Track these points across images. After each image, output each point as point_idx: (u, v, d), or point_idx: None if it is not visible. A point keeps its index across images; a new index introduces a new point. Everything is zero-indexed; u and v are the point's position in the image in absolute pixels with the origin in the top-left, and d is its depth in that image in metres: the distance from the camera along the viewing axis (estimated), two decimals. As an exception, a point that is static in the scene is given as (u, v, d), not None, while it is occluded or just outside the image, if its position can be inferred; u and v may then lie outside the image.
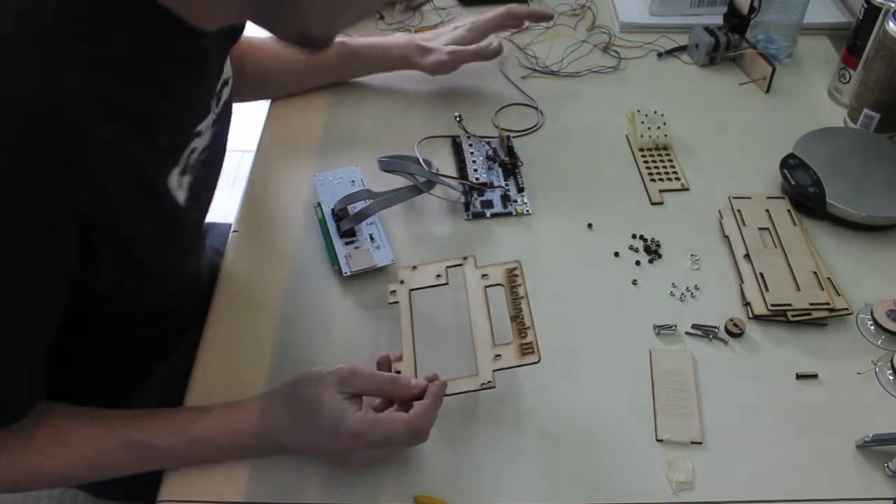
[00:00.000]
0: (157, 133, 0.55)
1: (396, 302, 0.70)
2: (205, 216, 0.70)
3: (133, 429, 0.61)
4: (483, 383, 0.63)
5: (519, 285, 0.68)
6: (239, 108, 0.98)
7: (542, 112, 0.98)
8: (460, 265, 0.71)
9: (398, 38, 0.98)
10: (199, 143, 0.63)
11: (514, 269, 0.70)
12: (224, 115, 0.71)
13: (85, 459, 0.59)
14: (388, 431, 0.58)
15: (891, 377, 0.68)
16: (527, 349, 0.64)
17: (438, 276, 0.71)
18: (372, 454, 0.60)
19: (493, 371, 0.64)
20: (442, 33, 0.98)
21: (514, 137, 0.93)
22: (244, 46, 0.95)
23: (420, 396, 0.61)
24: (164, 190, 0.58)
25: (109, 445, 0.60)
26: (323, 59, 0.95)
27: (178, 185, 0.60)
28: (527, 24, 1.08)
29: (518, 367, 0.64)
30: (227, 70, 0.71)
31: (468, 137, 0.91)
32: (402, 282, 0.71)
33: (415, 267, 0.72)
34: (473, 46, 0.97)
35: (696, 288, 0.76)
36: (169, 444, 0.61)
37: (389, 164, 0.83)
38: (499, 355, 0.64)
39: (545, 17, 1.06)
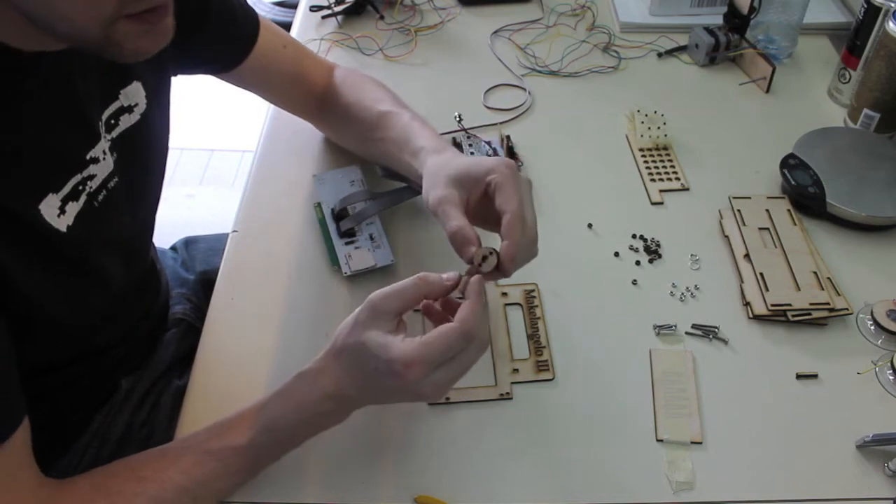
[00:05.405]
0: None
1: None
2: (118, 249, 0.67)
3: (209, 440, 0.59)
4: (502, 393, 0.68)
5: (536, 306, 0.74)
6: (239, 108, 0.99)
7: (529, 92, 0.99)
8: None
9: (428, 151, 0.72)
10: (97, 171, 0.61)
11: (532, 290, 0.75)
12: (133, 145, 0.67)
13: (168, 486, 0.57)
14: (442, 344, 0.53)
15: (891, 377, 0.68)
16: (542, 366, 0.69)
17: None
18: (438, 379, 0.54)
19: (511, 383, 0.68)
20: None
21: (507, 122, 0.94)
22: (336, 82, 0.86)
23: (454, 289, 0.57)
24: (29, 213, 0.55)
25: (188, 464, 0.57)
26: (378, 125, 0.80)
27: (59, 212, 0.57)
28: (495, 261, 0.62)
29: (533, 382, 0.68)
30: (133, 96, 0.66)
31: (468, 137, 0.91)
32: None
33: None
34: (462, 226, 0.61)
35: (696, 288, 0.76)
36: (247, 439, 0.58)
37: (390, 170, 0.83)
38: (516, 369, 0.69)
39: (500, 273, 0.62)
